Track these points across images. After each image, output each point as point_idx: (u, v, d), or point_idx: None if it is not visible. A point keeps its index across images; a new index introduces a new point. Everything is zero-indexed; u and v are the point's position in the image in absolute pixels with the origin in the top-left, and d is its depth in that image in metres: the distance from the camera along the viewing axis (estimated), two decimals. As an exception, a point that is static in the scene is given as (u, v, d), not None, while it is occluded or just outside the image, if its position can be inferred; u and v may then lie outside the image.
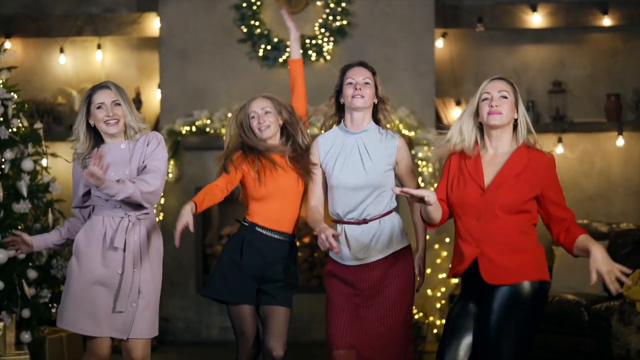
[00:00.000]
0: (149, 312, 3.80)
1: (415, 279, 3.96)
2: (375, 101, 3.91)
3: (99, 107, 3.77)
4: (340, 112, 3.97)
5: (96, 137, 3.83)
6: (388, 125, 3.96)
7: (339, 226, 3.88)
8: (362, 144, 3.87)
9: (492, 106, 3.46)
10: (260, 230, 4.05)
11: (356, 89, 3.83)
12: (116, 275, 3.76)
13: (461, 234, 3.51)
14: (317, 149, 3.95)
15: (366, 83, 3.87)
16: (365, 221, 3.84)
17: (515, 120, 3.52)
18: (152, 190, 3.70)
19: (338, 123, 3.98)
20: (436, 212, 3.48)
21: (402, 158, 3.91)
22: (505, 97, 3.48)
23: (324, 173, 3.94)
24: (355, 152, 3.86)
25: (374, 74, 3.92)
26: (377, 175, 3.84)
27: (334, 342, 3.83)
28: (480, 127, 3.55)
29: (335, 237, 3.65)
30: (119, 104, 3.78)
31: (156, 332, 3.88)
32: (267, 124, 4.04)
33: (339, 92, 3.94)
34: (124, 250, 3.76)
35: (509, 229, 3.44)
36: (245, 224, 4.10)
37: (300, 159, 4.03)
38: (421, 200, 3.39)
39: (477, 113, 3.53)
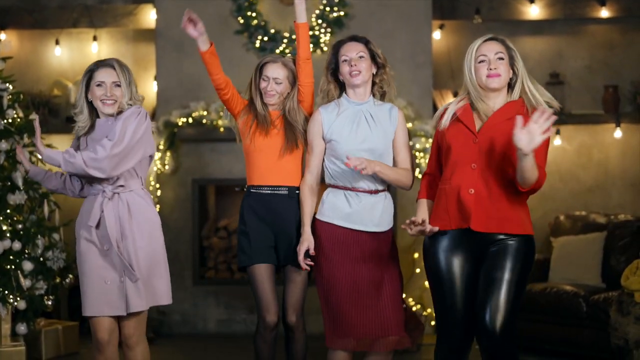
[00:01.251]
0: (141, 284, 3.73)
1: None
2: (374, 71, 3.94)
3: (98, 85, 3.76)
4: (339, 86, 3.99)
5: (94, 111, 3.82)
6: (383, 93, 3.99)
7: (349, 193, 3.88)
8: (369, 113, 3.92)
9: (490, 69, 3.48)
10: (255, 191, 4.11)
11: (351, 65, 3.87)
12: (104, 251, 3.73)
13: (456, 181, 3.50)
14: (320, 120, 3.95)
15: (361, 57, 3.89)
16: (377, 191, 3.90)
17: (511, 79, 3.55)
18: (96, 157, 3.60)
19: (339, 96, 4.00)
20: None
21: (400, 130, 3.96)
22: (502, 59, 3.51)
23: (325, 144, 3.94)
24: (363, 120, 3.91)
25: (366, 43, 3.94)
26: (384, 143, 3.90)
27: (342, 329, 3.85)
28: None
29: (309, 256, 3.83)
30: (119, 85, 3.76)
31: (155, 302, 3.79)
32: (272, 93, 4.10)
33: (334, 68, 3.95)
34: (104, 227, 3.71)
35: (502, 177, 3.46)
36: (244, 189, 4.18)
37: (291, 128, 4.06)
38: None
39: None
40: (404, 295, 4.00)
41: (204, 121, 6.52)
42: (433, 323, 6.19)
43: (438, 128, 3.64)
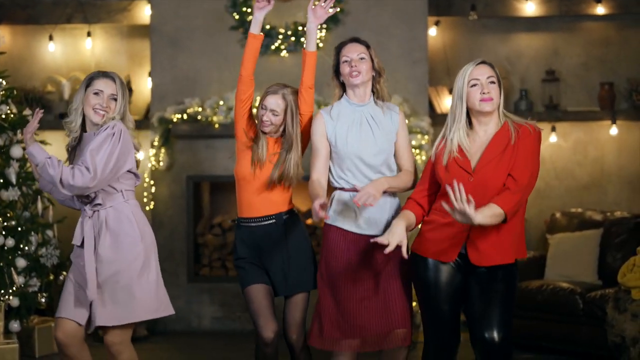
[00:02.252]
0: (113, 299, 3.71)
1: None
2: (373, 74, 3.97)
3: (95, 93, 3.76)
4: (342, 87, 4.02)
5: (84, 122, 3.81)
6: (384, 99, 4.00)
7: (351, 194, 3.86)
8: (370, 115, 3.94)
9: (483, 93, 3.52)
10: (244, 223, 4.13)
11: (352, 66, 3.91)
12: (82, 267, 3.74)
13: (445, 218, 3.55)
14: (323, 122, 3.96)
15: (361, 58, 3.93)
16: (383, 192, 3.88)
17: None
18: (73, 184, 3.59)
19: (340, 97, 4.02)
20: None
21: (401, 131, 3.97)
22: (494, 83, 3.56)
23: (329, 146, 3.95)
24: (364, 123, 3.92)
25: (368, 47, 3.97)
26: (387, 145, 3.92)
27: (342, 330, 3.85)
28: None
29: (324, 206, 3.65)
30: (115, 99, 3.78)
31: (130, 318, 3.75)
32: (268, 123, 4.08)
33: (337, 70, 3.99)
34: (83, 244, 3.75)
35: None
36: (235, 222, 4.20)
37: (279, 164, 4.06)
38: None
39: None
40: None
41: (199, 117, 6.48)
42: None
43: (431, 160, 3.70)
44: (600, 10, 6.75)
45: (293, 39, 6.52)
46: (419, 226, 3.78)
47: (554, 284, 5.66)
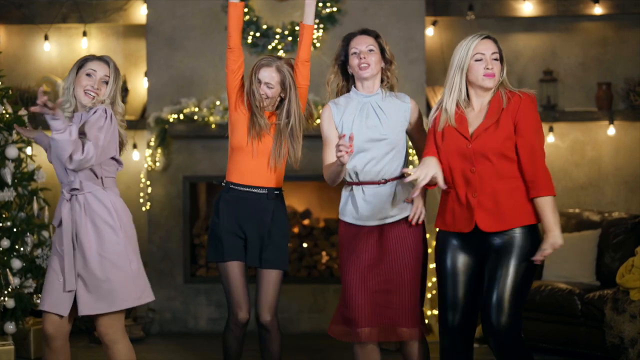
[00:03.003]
0: (94, 288, 3.69)
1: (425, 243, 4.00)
2: (383, 65, 3.96)
3: (88, 74, 3.73)
4: (348, 79, 4.02)
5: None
6: (391, 88, 4.01)
7: (354, 187, 3.91)
8: (377, 105, 3.94)
9: (487, 68, 3.58)
10: (234, 187, 4.14)
11: (361, 58, 3.89)
12: (60, 252, 3.74)
13: (457, 186, 3.62)
14: (331, 114, 3.96)
15: (370, 50, 3.92)
16: (384, 181, 3.90)
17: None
18: (81, 158, 3.57)
19: (348, 90, 4.03)
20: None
21: (415, 118, 3.97)
22: (497, 59, 3.61)
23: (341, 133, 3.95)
24: (371, 112, 3.92)
25: (377, 37, 3.96)
26: (394, 132, 3.91)
27: (357, 321, 3.84)
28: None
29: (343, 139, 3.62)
30: (107, 83, 3.74)
31: (113, 307, 3.71)
32: (263, 96, 4.09)
33: (343, 61, 3.97)
34: (59, 226, 3.75)
35: (504, 174, 3.55)
36: (223, 184, 4.20)
37: (283, 140, 4.09)
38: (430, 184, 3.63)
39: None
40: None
41: (195, 117, 6.45)
42: (427, 321, 6.16)
43: (435, 127, 3.71)
44: (597, 10, 6.74)
45: (290, 38, 6.49)
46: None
47: (552, 284, 5.64)
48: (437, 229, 3.76)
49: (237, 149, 4.13)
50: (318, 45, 6.49)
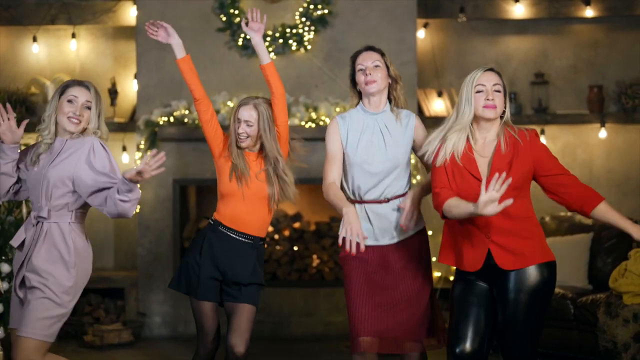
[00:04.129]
0: (36, 313, 3.61)
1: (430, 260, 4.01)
2: (390, 81, 3.96)
3: (69, 101, 3.72)
4: (358, 96, 4.01)
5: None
6: (400, 106, 4.00)
7: (357, 206, 3.90)
8: (383, 124, 3.93)
9: (488, 99, 3.58)
10: (223, 230, 4.12)
11: (367, 74, 3.89)
12: (16, 272, 3.73)
13: (465, 228, 3.58)
14: (337, 128, 3.94)
15: (376, 66, 3.91)
16: (386, 200, 3.89)
17: (503, 112, 3.67)
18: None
19: (356, 104, 4.03)
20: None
21: (419, 136, 3.96)
22: (499, 91, 3.62)
23: (344, 152, 3.94)
24: (377, 131, 3.91)
25: (382, 54, 3.96)
26: (399, 153, 3.90)
27: (358, 330, 3.83)
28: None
29: (362, 240, 3.61)
30: (89, 108, 3.74)
31: (46, 337, 3.62)
32: (243, 135, 4.08)
33: (353, 80, 3.98)
34: (21, 248, 3.73)
35: (515, 214, 3.55)
36: (211, 221, 4.16)
37: (275, 182, 4.08)
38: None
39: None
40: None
41: (186, 120, 6.41)
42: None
43: (435, 164, 3.67)
44: (589, 12, 6.74)
45: (281, 41, 6.45)
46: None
47: (545, 288, 5.62)
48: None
49: (226, 195, 4.11)
50: (309, 47, 6.46)
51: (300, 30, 6.47)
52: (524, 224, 3.59)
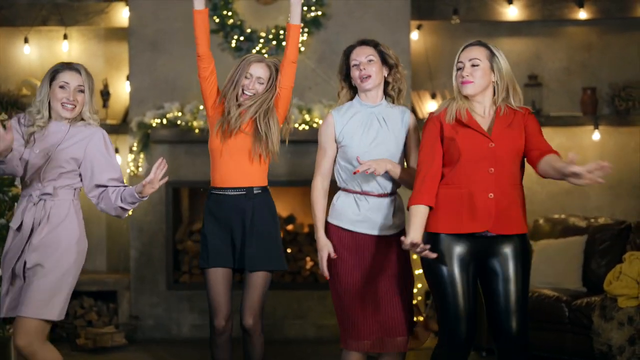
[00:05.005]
0: (39, 292, 3.62)
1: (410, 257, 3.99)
2: (385, 73, 3.94)
3: (61, 87, 3.71)
4: (352, 89, 4.00)
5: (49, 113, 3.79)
6: (398, 91, 4.00)
7: (358, 196, 3.89)
8: (381, 116, 3.91)
9: (463, 76, 3.60)
10: (215, 192, 4.13)
11: (361, 69, 3.88)
12: (16, 255, 3.71)
13: (469, 185, 3.57)
14: (333, 123, 3.94)
15: (370, 61, 3.91)
16: (385, 194, 3.89)
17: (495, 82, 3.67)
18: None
19: (350, 98, 4.01)
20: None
21: (413, 130, 3.95)
22: (476, 65, 3.61)
23: (337, 147, 3.94)
24: (375, 124, 3.90)
25: (376, 46, 3.95)
26: (394, 146, 3.89)
27: (352, 331, 3.84)
28: None
29: (329, 259, 3.82)
30: (83, 91, 3.73)
31: (50, 315, 3.65)
32: (253, 91, 4.07)
33: (346, 74, 3.96)
34: (19, 229, 3.71)
35: (513, 179, 3.59)
36: (208, 191, 4.18)
37: (259, 137, 4.05)
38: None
39: None
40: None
41: (179, 122, 6.38)
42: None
43: (443, 121, 3.65)
44: (582, 15, 6.74)
45: (274, 42, 6.43)
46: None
47: (539, 291, 5.61)
48: (433, 233, 3.64)
49: (213, 151, 4.12)
50: (303, 49, 6.44)
51: (294, 32, 6.44)
52: (519, 191, 3.62)
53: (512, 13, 6.75)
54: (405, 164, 3.99)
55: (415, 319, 3.95)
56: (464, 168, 3.58)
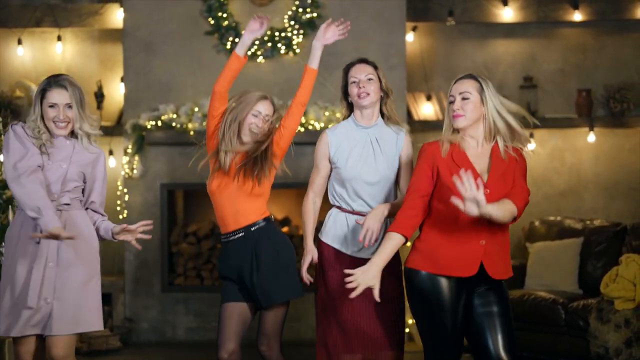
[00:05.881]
0: (69, 308, 3.64)
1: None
2: (382, 94, 3.95)
3: (51, 106, 3.73)
4: (351, 109, 4.00)
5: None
6: (392, 120, 3.99)
7: (350, 216, 3.90)
8: (375, 138, 3.91)
9: (454, 109, 3.53)
10: (222, 239, 4.07)
11: (360, 87, 3.88)
12: (30, 267, 3.66)
13: (459, 232, 3.49)
14: (327, 142, 3.94)
15: (369, 79, 3.91)
16: None
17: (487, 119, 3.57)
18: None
19: (348, 116, 4.02)
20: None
21: (405, 153, 3.95)
22: (467, 98, 3.52)
23: (331, 166, 3.95)
24: (368, 146, 3.90)
25: (375, 68, 3.95)
26: (389, 168, 3.89)
27: (340, 347, 3.86)
28: None
29: (310, 268, 3.88)
30: (71, 107, 3.74)
31: (81, 328, 3.69)
32: (260, 129, 3.96)
33: (345, 92, 3.97)
34: (41, 244, 3.67)
35: (503, 225, 3.50)
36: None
37: (251, 166, 3.93)
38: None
39: None
40: None
41: (174, 124, 6.36)
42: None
43: (437, 155, 3.56)
44: (577, 16, 6.74)
45: (270, 44, 6.41)
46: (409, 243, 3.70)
47: (535, 294, 5.61)
48: (413, 270, 3.55)
49: (211, 195, 4.03)
50: (298, 51, 6.42)
51: (289, 34, 6.43)
52: (505, 235, 3.58)
53: (507, 15, 6.75)
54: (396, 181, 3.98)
55: (411, 321, 3.95)
56: (456, 211, 3.39)
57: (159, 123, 6.37)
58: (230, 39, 6.42)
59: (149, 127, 6.37)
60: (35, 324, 3.66)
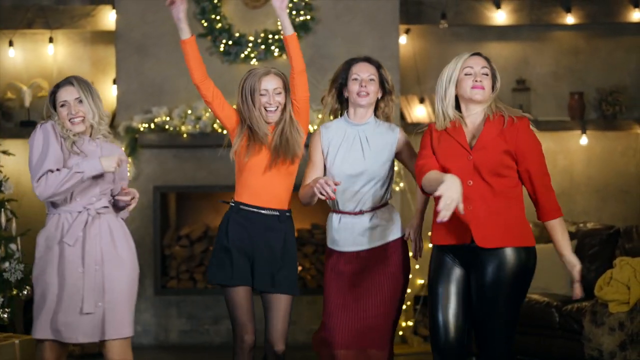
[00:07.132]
0: (120, 310, 3.71)
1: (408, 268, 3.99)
2: (379, 95, 3.95)
3: (62, 105, 3.74)
4: (342, 103, 4.01)
5: None
6: (386, 117, 3.99)
7: (334, 215, 3.95)
8: (364, 135, 3.92)
9: (476, 81, 3.56)
10: (245, 208, 3.94)
11: (362, 85, 3.88)
12: (77, 273, 3.66)
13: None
14: (320, 137, 3.97)
15: (371, 80, 3.91)
16: (361, 212, 3.90)
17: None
18: None
19: (341, 114, 4.02)
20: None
21: (403, 148, 3.96)
22: (486, 74, 3.61)
23: (325, 160, 3.96)
24: (356, 142, 3.91)
25: (378, 67, 3.95)
26: (376, 165, 3.89)
27: (335, 342, 3.85)
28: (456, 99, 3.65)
29: (330, 185, 3.60)
30: (82, 101, 3.73)
31: (131, 331, 3.79)
32: (275, 105, 3.91)
33: (342, 84, 3.95)
34: (83, 247, 3.67)
35: (497, 191, 3.52)
36: (232, 204, 4.01)
37: (282, 143, 3.91)
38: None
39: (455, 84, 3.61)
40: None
41: (167, 127, 6.34)
42: (401, 333, 6.13)
43: (434, 130, 3.63)
44: (569, 20, 6.76)
45: (263, 47, 6.41)
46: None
47: (529, 296, 5.60)
48: (431, 245, 3.67)
49: (245, 170, 3.95)
50: (291, 53, 6.42)
51: (283, 36, 6.41)
52: (508, 202, 3.54)
53: (500, 18, 6.77)
54: (389, 179, 3.98)
55: (404, 324, 3.97)
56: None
57: (152, 125, 6.35)
58: (224, 41, 6.41)
59: (141, 129, 6.35)
60: (90, 329, 3.69)
